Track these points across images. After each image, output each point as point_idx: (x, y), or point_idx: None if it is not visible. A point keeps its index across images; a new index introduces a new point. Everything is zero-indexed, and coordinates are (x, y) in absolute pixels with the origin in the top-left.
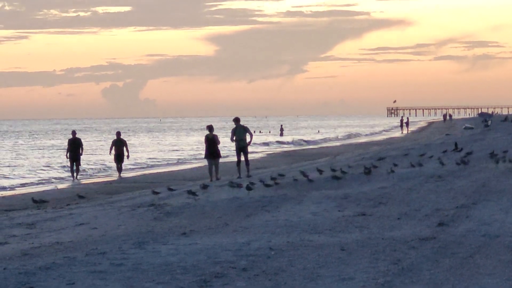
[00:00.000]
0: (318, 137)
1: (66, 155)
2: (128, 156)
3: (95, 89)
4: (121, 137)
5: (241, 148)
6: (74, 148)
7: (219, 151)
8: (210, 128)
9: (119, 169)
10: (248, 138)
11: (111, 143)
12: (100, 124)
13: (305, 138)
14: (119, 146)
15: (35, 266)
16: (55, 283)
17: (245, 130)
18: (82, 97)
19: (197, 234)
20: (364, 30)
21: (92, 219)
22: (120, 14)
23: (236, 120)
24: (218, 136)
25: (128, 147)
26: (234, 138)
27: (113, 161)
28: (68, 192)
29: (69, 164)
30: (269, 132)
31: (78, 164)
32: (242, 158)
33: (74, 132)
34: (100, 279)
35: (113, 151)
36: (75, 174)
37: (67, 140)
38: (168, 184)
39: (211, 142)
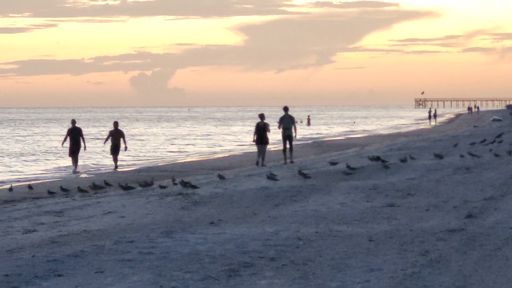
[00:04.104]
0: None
1: (62, 144)
2: (126, 148)
3: (123, 77)
4: (119, 127)
5: (287, 136)
6: (74, 137)
7: (267, 138)
8: (261, 116)
9: (115, 160)
10: (293, 130)
11: (108, 133)
12: (131, 113)
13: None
14: (116, 137)
15: (63, 254)
16: (84, 271)
17: (292, 120)
18: (110, 85)
19: (225, 223)
20: (393, 21)
21: (120, 207)
22: (149, 3)
23: (285, 109)
24: (269, 125)
25: (125, 138)
26: (282, 126)
27: (110, 154)
28: (96, 180)
29: (68, 154)
30: (301, 122)
31: (76, 155)
32: (288, 146)
33: (74, 121)
34: (128, 267)
35: (109, 142)
36: (76, 167)
37: (66, 129)
38: (193, 173)
39: (261, 129)
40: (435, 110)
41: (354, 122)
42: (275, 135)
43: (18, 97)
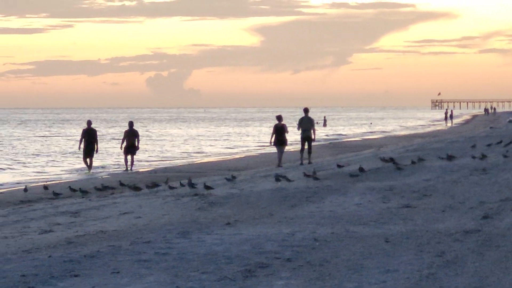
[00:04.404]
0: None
1: (79, 147)
2: (138, 148)
3: (139, 78)
4: (134, 128)
5: (306, 137)
6: (89, 139)
7: (286, 139)
8: (279, 117)
9: (130, 161)
10: (312, 132)
11: (123, 134)
12: (148, 114)
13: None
14: (130, 137)
15: (79, 254)
16: (100, 271)
17: (312, 122)
18: (127, 86)
19: (242, 224)
20: (409, 22)
21: (136, 208)
22: (165, 4)
23: (305, 111)
24: (286, 126)
25: (139, 138)
26: (301, 128)
27: (123, 154)
28: (111, 181)
29: (82, 155)
30: (317, 123)
31: (92, 156)
32: (306, 147)
33: (89, 122)
34: (145, 268)
35: (124, 144)
36: (89, 167)
37: (81, 130)
38: (209, 174)
39: (280, 131)
40: (451, 111)
41: (371, 123)
42: (295, 136)
43: (34, 97)
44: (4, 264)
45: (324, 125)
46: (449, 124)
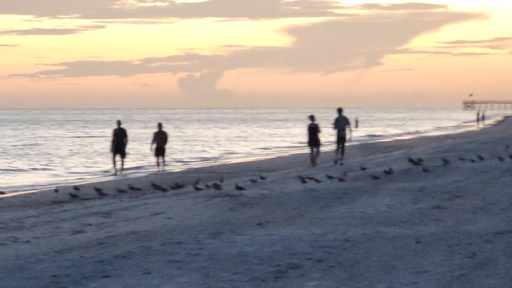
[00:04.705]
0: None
1: (111, 148)
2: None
3: (171, 79)
4: (163, 129)
5: (341, 137)
6: (119, 138)
7: (319, 139)
8: (312, 117)
9: (161, 163)
10: (347, 132)
11: (153, 135)
12: (179, 114)
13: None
14: (160, 138)
15: (111, 255)
16: (131, 272)
17: (346, 121)
18: (158, 87)
19: (273, 225)
20: (441, 23)
21: (168, 209)
22: (197, 5)
23: (339, 110)
24: (319, 126)
25: (168, 140)
26: (336, 127)
27: (154, 155)
28: (143, 182)
29: (111, 156)
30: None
31: (123, 156)
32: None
33: (119, 122)
34: (176, 268)
35: (154, 145)
36: (117, 166)
37: (112, 130)
38: (241, 174)
39: (313, 131)
40: (483, 112)
41: (404, 124)
42: (329, 136)
43: (66, 98)
44: (35, 265)
45: (356, 126)
46: (481, 125)
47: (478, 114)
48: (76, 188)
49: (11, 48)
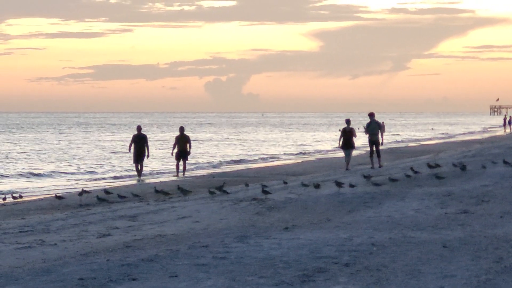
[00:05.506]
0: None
1: (129, 149)
2: (189, 153)
3: (198, 83)
4: (185, 133)
5: (373, 141)
6: (140, 144)
7: (353, 143)
8: (347, 121)
9: (182, 167)
10: (380, 136)
11: (174, 140)
12: (204, 118)
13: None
14: (182, 142)
15: (137, 258)
16: (158, 275)
17: (378, 125)
18: (185, 91)
19: (300, 229)
20: (468, 27)
21: (194, 212)
22: (224, 9)
23: (371, 115)
24: (354, 130)
25: (191, 143)
26: (368, 132)
27: (175, 159)
28: (171, 185)
29: (132, 161)
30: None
31: (142, 162)
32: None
33: (139, 128)
34: (202, 272)
35: (176, 149)
36: (140, 173)
37: (131, 136)
38: (267, 178)
39: (348, 134)
40: (510, 117)
41: (432, 129)
42: (361, 140)
43: (94, 101)
44: (62, 268)
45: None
46: (507, 130)
47: (505, 119)
48: (106, 191)
49: (39, 51)
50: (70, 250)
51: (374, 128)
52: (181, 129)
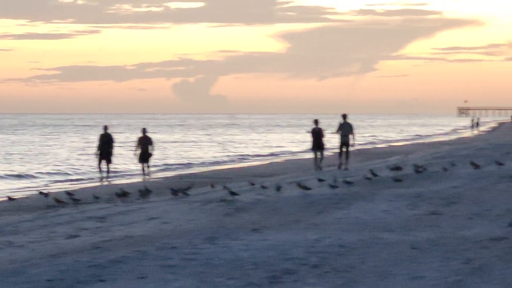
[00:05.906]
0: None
1: (96, 153)
2: (151, 155)
3: (166, 84)
4: (147, 134)
5: (345, 143)
6: (104, 143)
7: (323, 144)
8: (316, 121)
9: (145, 168)
10: (351, 138)
11: (137, 141)
12: (173, 120)
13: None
14: (144, 144)
15: (106, 259)
16: (126, 277)
17: (351, 127)
18: (153, 92)
19: (268, 230)
20: (436, 29)
21: (163, 213)
22: (192, 10)
23: (344, 116)
24: (323, 130)
25: (154, 145)
26: (340, 133)
27: (138, 161)
28: (136, 187)
29: (97, 161)
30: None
31: (109, 162)
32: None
33: (105, 127)
34: (171, 273)
35: (138, 151)
36: (104, 173)
37: (98, 135)
38: (236, 180)
39: (317, 135)
40: (478, 119)
41: (402, 130)
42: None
43: (61, 103)
44: (30, 269)
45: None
46: (475, 131)
47: (472, 121)
48: (68, 193)
49: (6, 52)
50: (38, 252)
51: (346, 130)
52: (144, 130)
